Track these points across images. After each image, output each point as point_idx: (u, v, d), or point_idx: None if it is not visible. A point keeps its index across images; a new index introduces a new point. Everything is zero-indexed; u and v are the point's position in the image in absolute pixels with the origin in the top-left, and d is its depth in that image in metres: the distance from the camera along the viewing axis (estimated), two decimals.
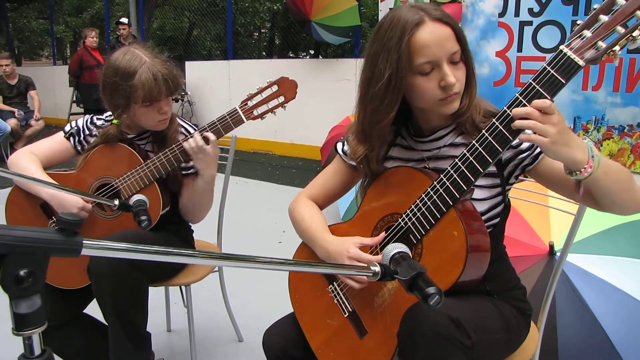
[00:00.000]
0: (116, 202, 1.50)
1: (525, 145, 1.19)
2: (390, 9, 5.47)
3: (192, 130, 1.86)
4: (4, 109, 6.80)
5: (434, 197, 1.13)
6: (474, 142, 1.10)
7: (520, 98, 1.04)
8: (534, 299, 1.79)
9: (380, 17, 5.97)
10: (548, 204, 1.82)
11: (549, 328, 1.77)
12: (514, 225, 2.04)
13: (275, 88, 1.71)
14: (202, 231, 2.20)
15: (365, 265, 0.87)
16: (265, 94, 1.71)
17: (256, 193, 5.23)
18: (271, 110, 1.72)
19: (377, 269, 0.85)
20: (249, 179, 5.74)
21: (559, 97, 1.04)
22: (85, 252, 0.55)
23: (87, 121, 1.87)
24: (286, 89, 1.71)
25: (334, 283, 1.30)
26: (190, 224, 2.02)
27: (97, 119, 1.87)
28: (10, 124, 6.59)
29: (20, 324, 0.51)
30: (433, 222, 1.13)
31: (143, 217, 1.43)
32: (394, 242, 1.19)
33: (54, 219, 1.78)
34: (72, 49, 18.37)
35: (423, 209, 1.14)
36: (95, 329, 1.86)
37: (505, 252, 1.37)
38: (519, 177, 1.26)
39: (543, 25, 4.47)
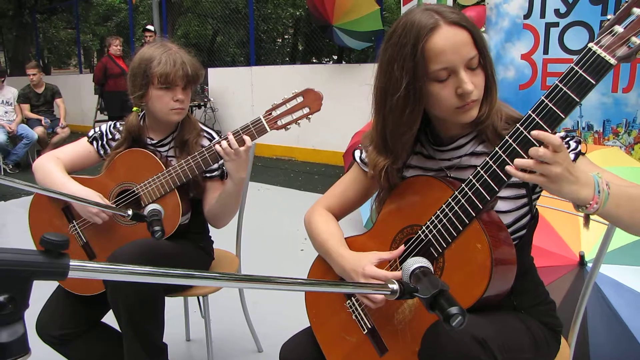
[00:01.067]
0: (129, 212, 1.47)
1: None
2: None
3: (215, 136, 1.85)
4: (31, 117, 6.93)
5: (456, 207, 1.06)
6: (497, 149, 1.03)
7: (547, 101, 0.97)
8: (564, 312, 1.71)
9: None
10: (578, 213, 1.73)
11: (580, 343, 1.69)
12: (543, 234, 1.95)
13: (300, 99, 1.68)
14: (222, 240, 2.17)
15: (383, 283, 0.82)
16: (290, 105, 1.68)
17: (278, 200, 5.20)
18: (295, 121, 1.69)
19: (396, 286, 0.79)
20: (271, 185, 5.72)
21: (588, 99, 0.97)
22: (72, 274, 0.50)
23: (110, 126, 1.89)
24: (311, 100, 1.67)
25: (352, 298, 1.25)
26: (209, 234, 1.99)
27: (121, 124, 1.87)
28: (37, 131, 6.72)
29: (1, 354, 0.47)
30: (455, 234, 1.06)
31: (157, 228, 1.40)
32: (413, 255, 1.14)
33: (74, 223, 1.78)
34: (98, 57, 18.70)
35: (444, 220, 1.08)
36: (113, 337, 1.84)
37: (533, 264, 1.29)
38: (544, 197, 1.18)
39: (570, 26, 4.35)
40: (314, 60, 11.76)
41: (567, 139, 1.13)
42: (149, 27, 7.99)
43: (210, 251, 1.98)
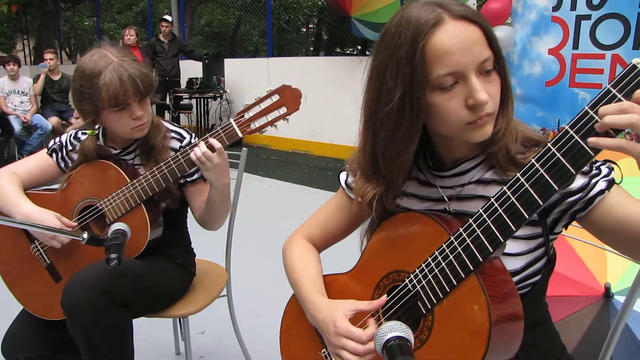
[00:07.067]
0: (85, 235, 1.29)
1: (575, 185, 0.89)
2: None
3: (185, 134, 1.65)
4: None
5: (451, 257, 0.85)
6: (505, 188, 0.81)
7: (572, 132, 0.76)
8: (584, 349, 1.50)
9: None
10: (604, 247, 1.50)
11: None
12: (566, 260, 1.73)
13: (276, 97, 1.47)
14: (210, 249, 2.03)
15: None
16: (264, 105, 1.47)
17: (290, 197, 5.00)
18: (271, 123, 1.48)
19: None
20: (283, 181, 5.53)
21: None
22: None
23: (70, 136, 1.71)
24: (288, 99, 1.46)
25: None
26: (191, 246, 1.83)
27: (82, 133, 1.69)
28: (51, 122, 6.66)
29: None
30: (448, 289, 0.85)
31: (112, 256, 1.21)
32: (398, 307, 0.94)
33: (36, 244, 1.62)
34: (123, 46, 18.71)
35: (436, 270, 0.87)
36: None
37: (548, 314, 1.08)
38: (569, 226, 0.96)
39: (603, 19, 4.04)
40: (338, 50, 11.48)
41: (597, 163, 0.91)
42: (166, 17, 7.84)
43: (190, 267, 1.79)
